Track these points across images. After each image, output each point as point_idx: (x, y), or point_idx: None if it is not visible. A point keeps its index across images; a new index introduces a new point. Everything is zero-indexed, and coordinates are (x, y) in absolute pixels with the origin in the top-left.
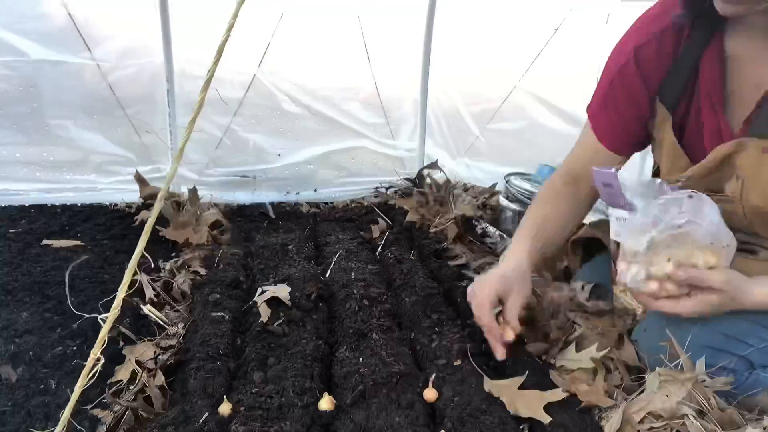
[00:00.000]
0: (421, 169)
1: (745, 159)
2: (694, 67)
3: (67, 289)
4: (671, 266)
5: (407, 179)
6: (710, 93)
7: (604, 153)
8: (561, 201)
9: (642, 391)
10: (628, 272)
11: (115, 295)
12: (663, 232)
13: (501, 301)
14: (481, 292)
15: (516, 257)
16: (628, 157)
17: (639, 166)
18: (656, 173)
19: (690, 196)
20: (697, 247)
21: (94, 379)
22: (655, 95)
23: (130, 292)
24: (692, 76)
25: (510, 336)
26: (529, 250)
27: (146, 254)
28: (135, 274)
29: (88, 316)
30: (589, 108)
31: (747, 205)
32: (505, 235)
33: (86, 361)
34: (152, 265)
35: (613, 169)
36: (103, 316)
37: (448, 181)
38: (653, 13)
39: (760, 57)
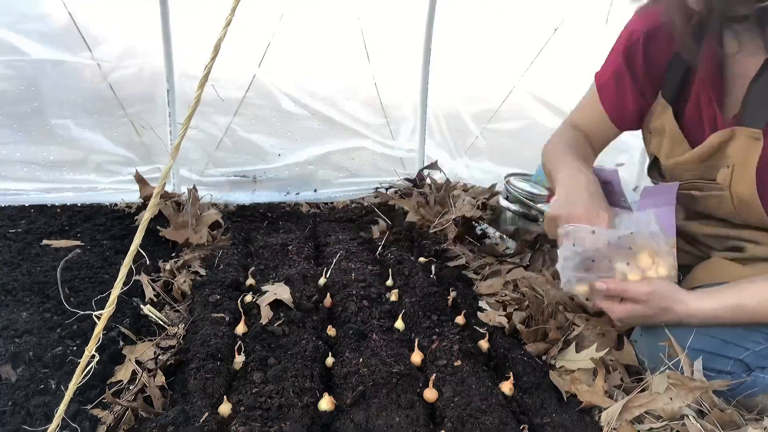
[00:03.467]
0: (421, 170)
1: (736, 146)
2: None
3: (59, 284)
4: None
5: (407, 179)
6: (707, 86)
7: (606, 122)
8: (575, 145)
9: (643, 389)
10: (560, 278)
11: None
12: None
13: None
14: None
15: (581, 172)
16: (621, 131)
17: (639, 167)
18: (652, 166)
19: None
20: (653, 254)
21: (88, 377)
22: (659, 84)
23: (128, 290)
24: (691, 70)
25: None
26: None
27: (144, 254)
28: (135, 273)
29: (82, 312)
30: (597, 77)
31: (735, 193)
32: (504, 236)
33: None
34: (150, 264)
35: (615, 168)
36: (98, 312)
37: (448, 181)
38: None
39: (748, 50)
